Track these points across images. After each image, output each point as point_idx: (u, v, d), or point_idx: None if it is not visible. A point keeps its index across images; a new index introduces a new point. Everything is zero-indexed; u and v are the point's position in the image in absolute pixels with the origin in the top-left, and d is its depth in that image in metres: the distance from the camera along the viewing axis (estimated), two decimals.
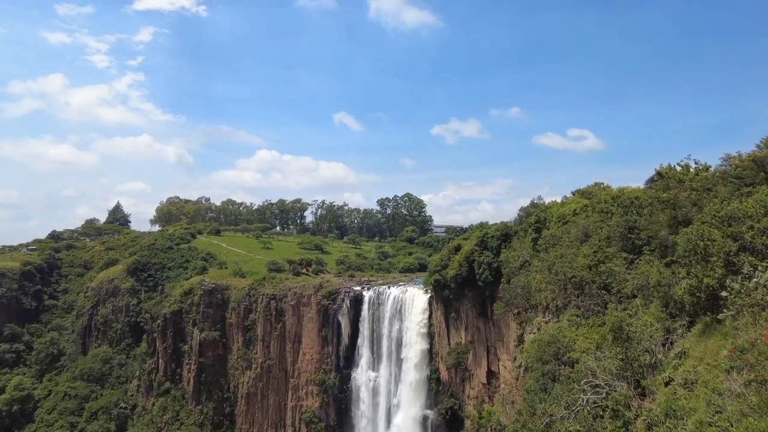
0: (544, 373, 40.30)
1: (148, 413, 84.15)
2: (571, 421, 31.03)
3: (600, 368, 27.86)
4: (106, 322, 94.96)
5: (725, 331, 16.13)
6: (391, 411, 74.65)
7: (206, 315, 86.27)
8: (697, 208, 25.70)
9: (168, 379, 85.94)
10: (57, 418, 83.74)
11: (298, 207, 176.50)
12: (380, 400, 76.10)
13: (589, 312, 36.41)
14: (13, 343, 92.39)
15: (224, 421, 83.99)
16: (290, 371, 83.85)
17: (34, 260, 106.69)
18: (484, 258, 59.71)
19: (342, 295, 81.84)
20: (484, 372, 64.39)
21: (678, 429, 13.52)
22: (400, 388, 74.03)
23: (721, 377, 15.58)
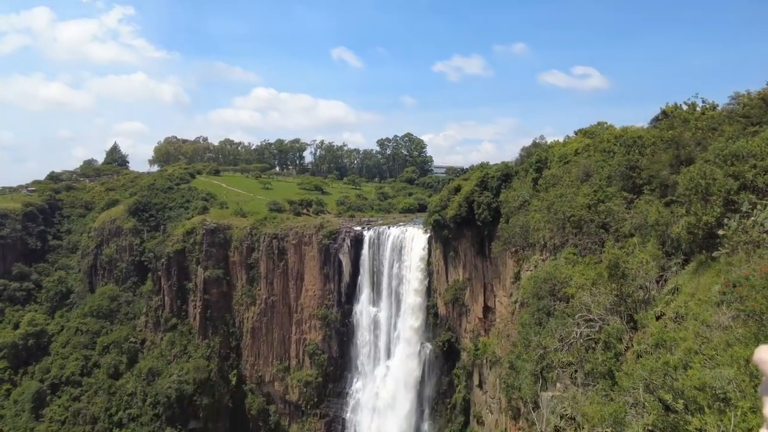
0: (539, 308, 41.74)
1: (157, 347, 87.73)
2: (564, 353, 32.54)
3: (594, 303, 28.88)
4: (111, 262, 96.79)
5: (719, 268, 16.61)
6: (390, 343, 77.93)
7: (209, 254, 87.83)
8: (701, 147, 25.59)
9: (174, 316, 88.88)
10: (71, 352, 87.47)
11: (297, 147, 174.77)
12: (380, 334, 79.24)
13: (586, 250, 37.17)
14: (22, 282, 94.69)
15: (231, 353, 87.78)
16: (293, 307, 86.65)
17: (35, 201, 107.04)
18: (483, 198, 60.03)
19: (342, 235, 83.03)
20: (481, 307, 66.60)
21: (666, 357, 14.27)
22: (399, 323, 76.85)
23: (710, 311, 16.24)
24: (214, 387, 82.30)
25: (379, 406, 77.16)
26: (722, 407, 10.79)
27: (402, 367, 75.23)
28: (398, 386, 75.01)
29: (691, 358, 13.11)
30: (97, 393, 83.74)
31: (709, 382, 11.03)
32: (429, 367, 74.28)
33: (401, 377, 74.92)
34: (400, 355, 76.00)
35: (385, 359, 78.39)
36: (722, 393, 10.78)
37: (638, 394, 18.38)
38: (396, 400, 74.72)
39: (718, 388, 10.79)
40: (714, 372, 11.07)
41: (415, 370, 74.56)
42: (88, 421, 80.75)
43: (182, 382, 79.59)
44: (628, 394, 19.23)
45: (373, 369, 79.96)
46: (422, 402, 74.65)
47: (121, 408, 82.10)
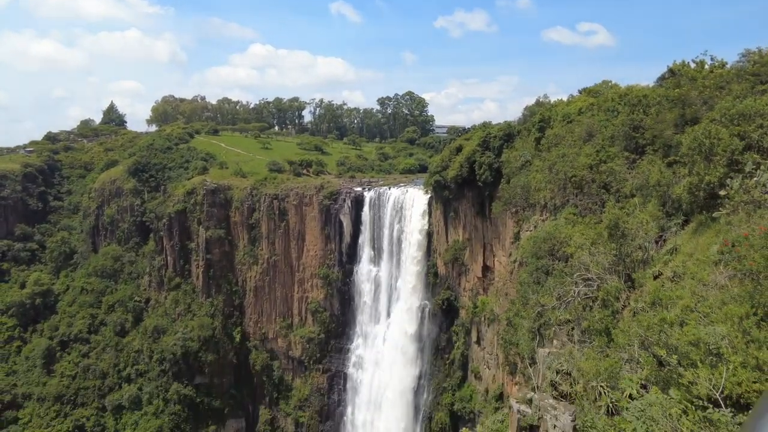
0: (538, 267, 42.29)
1: (162, 306, 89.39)
2: (562, 311, 33.21)
3: (593, 263, 29.24)
4: (113, 222, 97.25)
5: (718, 228, 16.74)
6: (391, 301, 79.40)
7: (210, 214, 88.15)
8: (708, 106, 25.23)
9: (177, 275, 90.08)
10: (78, 310, 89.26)
11: (296, 106, 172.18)
12: (381, 292, 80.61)
13: (586, 210, 37.30)
14: (25, 242, 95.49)
15: (234, 311, 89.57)
16: (295, 266, 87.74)
17: (34, 162, 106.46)
18: (485, 159, 59.68)
19: (343, 196, 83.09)
20: (480, 267, 67.44)
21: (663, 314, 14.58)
22: (399, 282, 78.03)
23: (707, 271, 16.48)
24: (218, 344, 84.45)
25: (380, 361, 79.40)
26: (714, 362, 11.13)
27: (402, 325, 76.95)
28: (398, 342, 76.93)
29: (687, 315, 13.42)
30: (105, 350, 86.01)
31: (704, 337, 11.34)
32: (428, 325, 75.95)
33: (401, 334, 76.74)
34: (400, 312, 77.56)
35: (386, 317, 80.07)
36: (716, 348, 11.10)
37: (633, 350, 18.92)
38: (396, 355, 76.81)
39: (712, 343, 11.11)
40: (708, 328, 11.36)
41: (415, 328, 76.28)
42: (98, 376, 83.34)
43: (187, 339, 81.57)
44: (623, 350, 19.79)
45: (374, 326, 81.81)
46: (422, 357, 76.76)
47: (128, 364, 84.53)
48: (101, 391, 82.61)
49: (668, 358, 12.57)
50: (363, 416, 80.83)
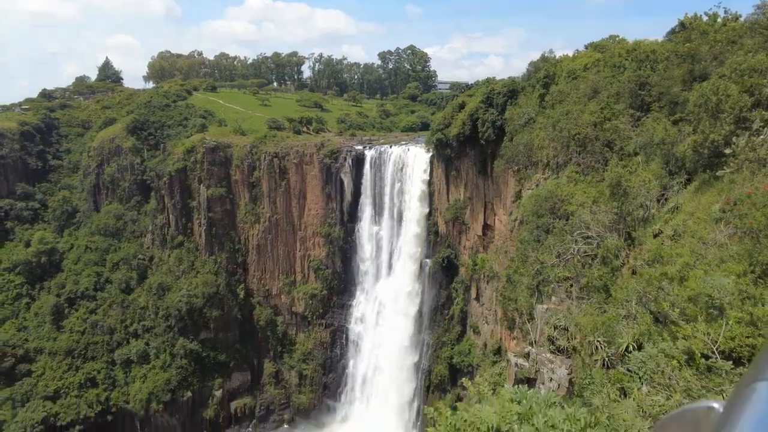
0: (538, 225, 42.52)
1: (165, 263, 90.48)
2: (561, 268, 33.63)
3: (594, 221, 29.37)
4: (113, 181, 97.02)
5: (721, 187, 16.71)
6: (392, 259, 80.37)
7: (211, 172, 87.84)
8: (718, 62, 24.64)
9: (180, 233, 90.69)
10: (83, 268, 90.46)
11: (295, 61, 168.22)
12: (382, 250, 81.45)
13: (588, 169, 37.12)
14: (27, 201, 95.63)
15: (237, 269, 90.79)
16: (297, 225, 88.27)
17: (30, 120, 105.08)
18: (488, 116, 58.86)
19: (344, 154, 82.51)
20: (480, 225, 67.81)
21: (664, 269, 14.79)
22: (400, 240, 78.70)
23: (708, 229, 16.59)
24: (222, 300, 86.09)
25: (381, 316, 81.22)
26: (715, 315, 11.34)
27: (402, 282, 78.22)
28: (399, 299, 78.45)
29: (686, 272, 13.64)
30: (112, 306, 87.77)
31: (707, 290, 11.48)
32: (428, 282, 77.18)
33: (401, 291, 78.14)
34: (401, 270, 78.66)
35: (387, 274, 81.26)
36: (718, 302, 11.28)
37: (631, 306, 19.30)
38: (396, 311, 78.50)
39: (715, 297, 11.27)
40: (715, 280, 11.47)
41: (415, 284, 77.57)
42: (106, 331, 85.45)
43: (192, 296, 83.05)
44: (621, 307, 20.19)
45: (375, 283, 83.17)
46: (421, 313, 78.44)
47: (135, 320, 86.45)
48: (110, 346, 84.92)
49: (672, 311, 12.75)
50: (364, 369, 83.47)
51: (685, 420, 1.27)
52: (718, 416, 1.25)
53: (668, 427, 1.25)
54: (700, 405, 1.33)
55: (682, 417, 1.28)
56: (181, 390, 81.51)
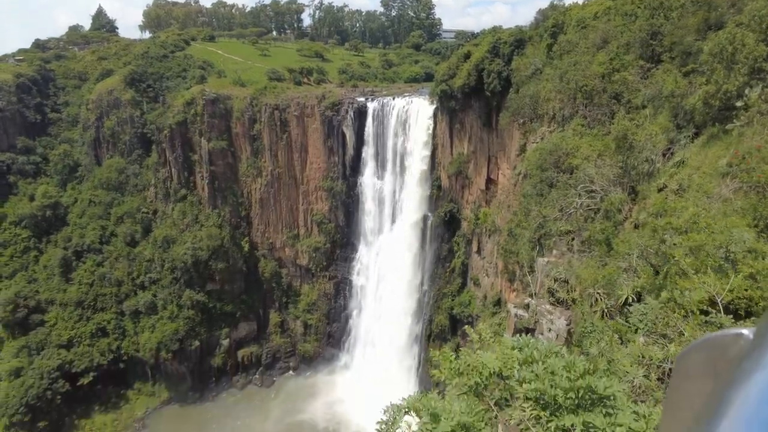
0: (542, 179, 42.42)
1: (169, 217, 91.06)
2: (563, 222, 33.81)
3: (598, 175, 29.25)
4: (114, 134, 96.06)
5: (729, 141, 16.52)
6: (394, 213, 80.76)
7: (211, 125, 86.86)
8: (736, 9, 23.73)
9: (183, 187, 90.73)
10: (88, 222, 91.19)
11: (294, 9, 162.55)
12: (384, 204, 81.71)
13: (595, 122, 36.60)
14: (29, 155, 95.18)
15: (241, 222, 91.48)
16: (299, 179, 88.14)
17: (26, 72, 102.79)
18: (494, 66, 57.42)
19: (345, 107, 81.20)
20: (483, 180, 67.65)
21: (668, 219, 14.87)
22: (403, 194, 78.77)
23: (713, 183, 16.56)
24: (227, 253, 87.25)
25: (383, 269, 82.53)
26: (725, 267, 11.47)
27: (405, 235, 78.93)
28: (401, 252, 79.43)
29: (692, 225, 13.74)
30: (118, 259, 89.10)
31: (725, 242, 11.52)
32: (430, 236, 77.89)
33: (404, 244, 79.00)
34: (403, 224, 79.20)
35: (389, 228, 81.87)
36: (732, 254, 11.36)
37: (632, 259, 19.55)
38: (399, 264, 79.67)
39: (733, 250, 11.33)
40: (736, 232, 11.43)
41: (417, 238, 78.33)
42: (114, 283, 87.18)
43: (196, 249, 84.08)
44: (621, 260, 20.46)
45: (378, 236, 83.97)
46: (423, 266, 79.65)
47: (141, 273, 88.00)
48: (118, 297, 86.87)
49: (681, 261, 12.86)
50: (367, 319, 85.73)
51: (711, 348, 1.19)
52: (749, 343, 1.17)
53: (691, 357, 1.17)
54: (728, 332, 1.24)
55: (707, 345, 1.20)
56: (189, 339, 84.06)
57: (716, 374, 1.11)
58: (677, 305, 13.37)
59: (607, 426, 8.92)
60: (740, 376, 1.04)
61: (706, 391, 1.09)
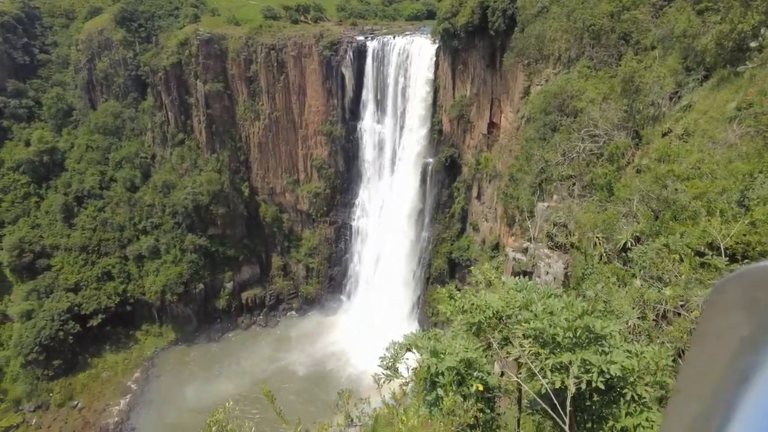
0: (545, 123, 41.90)
1: (168, 162, 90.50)
2: (565, 167, 33.72)
3: (602, 119, 28.88)
4: (107, 77, 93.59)
5: (740, 84, 16.16)
6: (394, 158, 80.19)
7: (206, 66, 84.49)
8: None
9: (180, 131, 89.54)
10: (87, 168, 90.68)
11: None
12: (384, 149, 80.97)
13: (601, 64, 35.66)
14: (20, 99, 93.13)
15: (240, 167, 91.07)
16: (297, 122, 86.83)
17: (8, 9, 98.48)
18: (499, 4, 55.10)
19: (344, 46, 78.56)
20: (486, 123, 66.70)
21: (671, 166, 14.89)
22: (403, 139, 77.86)
23: (719, 128, 16.39)
24: (228, 198, 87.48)
25: (383, 214, 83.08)
26: (730, 212, 11.60)
27: (405, 180, 78.80)
28: (401, 197, 79.62)
29: (692, 172, 13.74)
30: (119, 204, 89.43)
31: (740, 188, 11.56)
32: (430, 181, 77.78)
33: (404, 189, 79.03)
34: (403, 169, 78.84)
35: (389, 173, 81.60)
36: (746, 199, 11.43)
37: (632, 204, 19.71)
38: (399, 209, 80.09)
39: (748, 196, 11.37)
40: (760, 178, 11.39)
41: (417, 183, 78.25)
42: (116, 228, 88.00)
43: (197, 193, 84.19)
44: (622, 205, 20.62)
45: (378, 182, 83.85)
46: (423, 211, 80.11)
47: (143, 218, 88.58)
48: (121, 242, 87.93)
49: (689, 204, 12.95)
50: (367, 263, 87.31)
51: (749, 280, 1.10)
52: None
53: (727, 289, 1.08)
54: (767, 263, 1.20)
55: (745, 277, 1.12)
56: (194, 282, 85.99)
57: (759, 309, 1.02)
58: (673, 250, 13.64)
59: (603, 363, 9.38)
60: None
61: (746, 327, 1.01)
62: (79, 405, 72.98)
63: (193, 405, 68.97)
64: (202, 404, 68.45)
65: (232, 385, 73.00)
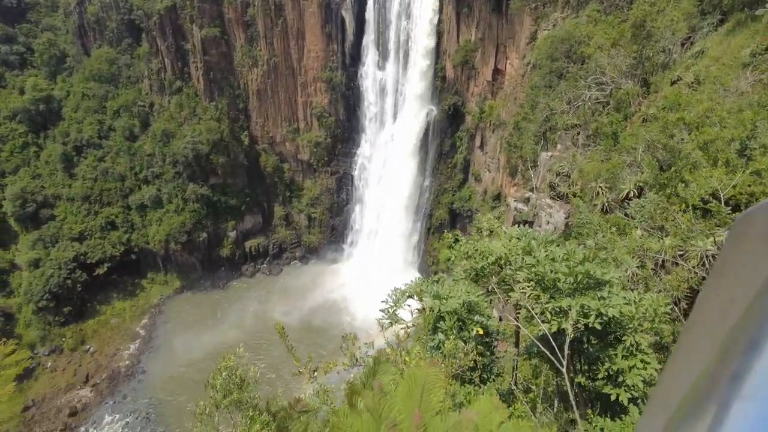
0: (551, 70, 40.90)
1: (166, 110, 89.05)
2: (570, 115, 33.22)
3: (610, 65, 28.14)
4: (99, 21, 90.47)
5: (757, 28, 15.57)
6: (396, 106, 78.84)
7: (202, 10, 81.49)
8: None
9: (177, 78, 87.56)
10: (84, 116, 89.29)
11: None
12: (386, 97, 79.44)
13: (612, 8, 34.35)
14: (11, 45, 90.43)
15: (240, 116, 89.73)
16: (296, 69, 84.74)
17: None
18: None
19: None
20: (491, 70, 65.09)
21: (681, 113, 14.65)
22: (405, 86, 76.20)
23: (732, 76, 15.98)
24: (228, 147, 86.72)
25: (385, 164, 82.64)
26: (735, 162, 11.55)
27: (407, 130, 77.83)
28: (403, 147, 78.92)
29: (701, 121, 13.52)
30: (119, 154, 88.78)
31: (737, 136, 11.46)
32: (433, 130, 76.83)
33: (406, 139, 78.20)
34: (406, 118, 77.68)
35: (391, 122, 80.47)
36: (747, 149, 11.38)
37: (637, 153, 19.56)
38: (401, 159, 79.58)
39: (749, 145, 11.30)
40: (762, 125, 11.22)
41: (420, 133, 77.31)
42: (117, 178, 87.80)
43: (196, 142, 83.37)
44: (627, 154, 20.47)
45: (379, 131, 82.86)
46: (425, 161, 79.66)
47: (143, 167, 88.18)
48: (123, 192, 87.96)
49: (692, 153, 12.87)
50: (368, 213, 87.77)
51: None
52: None
53: (754, 219, 0.95)
54: None
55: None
56: (197, 232, 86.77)
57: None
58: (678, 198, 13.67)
59: (601, 307, 9.65)
60: None
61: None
62: (91, 349, 75.64)
63: (199, 350, 71.48)
64: (208, 349, 71.00)
65: (238, 330, 75.35)
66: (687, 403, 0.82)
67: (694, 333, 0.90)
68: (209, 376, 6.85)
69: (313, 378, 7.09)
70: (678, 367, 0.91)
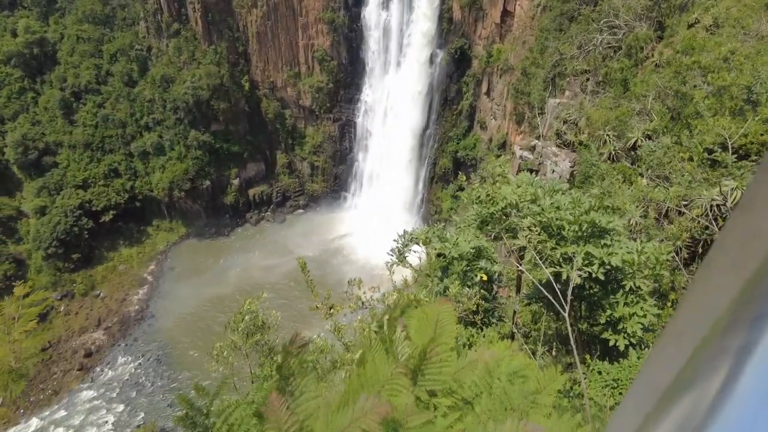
0: (563, 12, 39.30)
1: (165, 54, 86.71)
2: (580, 61, 32.25)
3: (624, 7, 27.00)
4: None
5: None
6: (401, 50, 76.46)
7: None
8: None
9: (175, 20, 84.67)
10: (80, 61, 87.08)
11: None
12: (390, 40, 76.92)
13: None
14: None
15: (240, 59, 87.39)
16: (297, 9, 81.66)
17: None
18: None
19: None
20: (499, 12, 62.58)
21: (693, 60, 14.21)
22: (410, 28, 73.58)
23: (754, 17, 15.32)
24: (228, 92, 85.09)
25: (388, 110, 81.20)
26: (744, 109, 11.31)
27: (412, 74, 75.88)
28: (407, 93, 77.21)
29: (720, 64, 13.09)
30: (118, 100, 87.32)
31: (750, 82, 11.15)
32: (438, 75, 74.86)
33: (411, 84, 76.39)
34: (411, 62, 75.55)
35: (396, 66, 78.34)
36: (755, 95, 11.14)
37: (647, 101, 19.13)
38: (405, 105, 78.08)
39: (755, 90, 11.05)
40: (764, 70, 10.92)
41: (425, 78, 75.40)
42: (118, 125, 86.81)
43: (196, 87, 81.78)
44: (637, 101, 20.02)
45: (383, 76, 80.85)
46: (430, 108, 78.14)
47: (144, 114, 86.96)
48: (124, 139, 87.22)
49: (700, 103, 12.60)
50: (372, 160, 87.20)
51: None
52: None
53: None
54: None
55: None
56: (200, 179, 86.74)
57: None
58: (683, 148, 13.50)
59: (604, 255, 9.78)
60: None
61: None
62: (101, 294, 77.67)
63: (207, 295, 73.31)
64: (215, 294, 72.81)
65: (245, 276, 76.92)
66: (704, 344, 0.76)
67: (714, 270, 0.82)
68: (230, 319, 7.08)
69: (329, 315, 7.34)
70: (695, 304, 0.84)
